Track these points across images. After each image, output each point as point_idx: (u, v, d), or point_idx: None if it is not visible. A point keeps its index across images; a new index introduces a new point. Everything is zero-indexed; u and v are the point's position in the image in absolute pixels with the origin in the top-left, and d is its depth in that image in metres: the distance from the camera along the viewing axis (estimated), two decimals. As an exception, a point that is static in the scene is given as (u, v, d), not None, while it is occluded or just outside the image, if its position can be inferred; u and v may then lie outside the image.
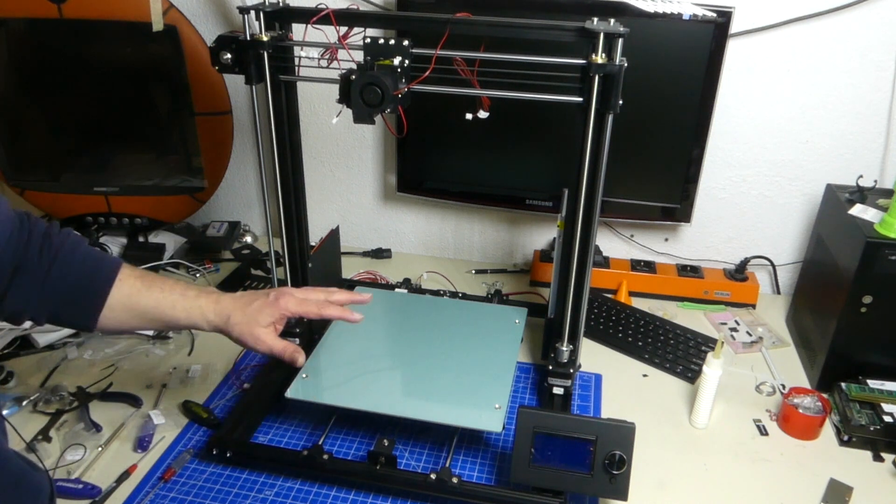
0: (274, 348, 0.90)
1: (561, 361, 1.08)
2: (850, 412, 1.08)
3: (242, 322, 0.88)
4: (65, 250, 0.82)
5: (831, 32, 1.27)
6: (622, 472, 0.87)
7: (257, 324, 0.89)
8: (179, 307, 0.87)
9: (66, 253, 0.82)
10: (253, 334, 0.88)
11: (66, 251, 0.82)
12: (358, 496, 0.96)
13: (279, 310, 0.90)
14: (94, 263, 0.85)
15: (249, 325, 0.88)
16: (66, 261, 0.82)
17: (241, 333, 0.88)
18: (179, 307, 0.87)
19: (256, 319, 0.89)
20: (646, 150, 1.33)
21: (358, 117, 0.91)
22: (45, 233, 0.82)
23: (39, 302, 0.80)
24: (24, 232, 0.80)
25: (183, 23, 1.35)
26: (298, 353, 0.91)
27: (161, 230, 1.59)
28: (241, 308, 0.89)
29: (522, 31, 0.94)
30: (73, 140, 1.50)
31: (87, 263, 0.84)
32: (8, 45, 1.39)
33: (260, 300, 0.91)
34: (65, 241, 0.83)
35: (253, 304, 0.90)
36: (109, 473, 0.98)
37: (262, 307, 0.90)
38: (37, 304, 0.80)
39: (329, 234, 1.27)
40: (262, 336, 0.89)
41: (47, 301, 0.81)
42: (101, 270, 0.85)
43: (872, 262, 1.06)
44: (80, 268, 0.83)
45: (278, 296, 0.92)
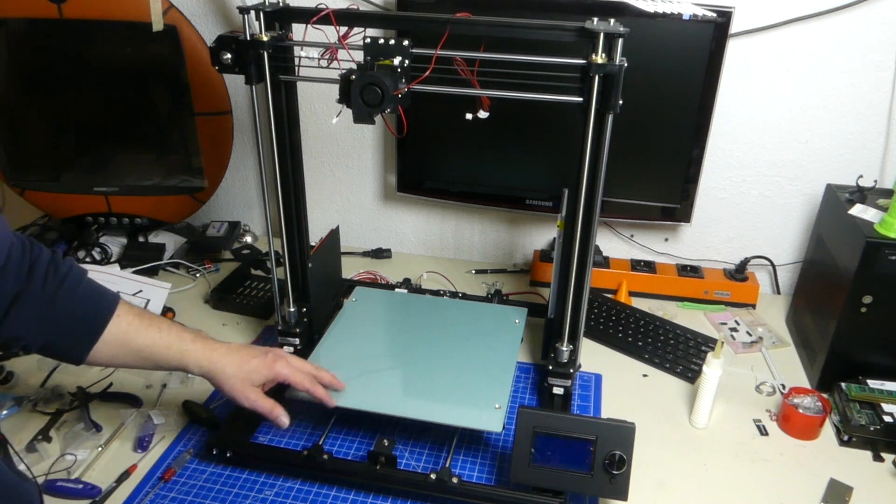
0: (262, 408, 0.93)
1: (561, 361, 1.08)
2: (850, 412, 1.08)
3: (236, 377, 0.92)
4: (69, 282, 0.83)
5: (831, 32, 1.27)
6: (622, 472, 0.87)
7: (250, 382, 0.93)
8: (175, 349, 0.89)
9: (70, 284, 0.83)
10: (244, 391, 0.92)
11: (69, 283, 0.83)
12: (358, 496, 0.96)
13: (273, 373, 0.95)
14: (94, 297, 0.86)
15: (243, 382, 0.92)
16: (69, 292, 0.82)
17: (232, 387, 0.92)
18: (175, 349, 0.89)
19: (251, 378, 0.93)
20: (646, 150, 1.33)
21: (358, 117, 0.91)
22: (51, 261, 0.82)
23: (37, 331, 0.81)
24: (27, 259, 0.80)
25: (183, 23, 1.35)
26: (285, 417, 0.94)
27: (161, 230, 1.59)
28: (237, 364, 0.93)
29: (522, 31, 0.94)
30: (73, 140, 1.50)
31: (89, 296, 0.85)
32: (8, 45, 1.40)
33: (258, 359, 0.94)
34: (69, 272, 0.83)
35: (250, 363, 0.93)
36: (109, 473, 0.98)
37: (258, 367, 0.94)
38: (34, 333, 0.81)
39: (329, 234, 1.27)
40: (252, 395, 0.93)
41: (46, 331, 0.81)
42: (100, 304, 0.86)
43: (872, 262, 1.06)
44: (81, 300, 0.84)
45: (275, 359, 0.96)
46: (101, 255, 1.51)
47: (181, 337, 0.90)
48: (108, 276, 1.34)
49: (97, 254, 1.51)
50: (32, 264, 0.80)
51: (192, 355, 0.90)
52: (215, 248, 1.58)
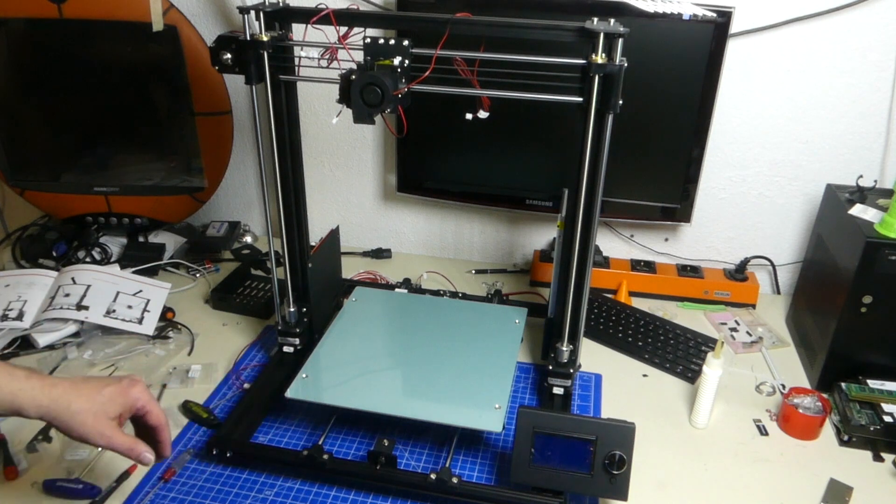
0: (121, 446, 0.79)
1: (561, 361, 1.08)
2: (850, 412, 1.08)
3: (87, 412, 0.77)
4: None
5: (831, 32, 1.27)
6: (622, 472, 0.87)
7: (105, 414, 0.78)
8: (5, 389, 0.75)
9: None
10: (97, 427, 0.77)
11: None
12: (358, 496, 0.96)
13: (130, 399, 0.81)
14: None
15: (96, 416, 0.77)
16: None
17: (82, 424, 0.77)
18: (5, 389, 0.75)
19: (105, 410, 0.78)
20: (646, 150, 1.33)
21: (358, 117, 0.91)
22: None
23: None
24: None
25: (183, 23, 1.35)
26: (149, 452, 0.81)
27: (161, 230, 1.59)
28: (87, 396, 0.78)
29: (522, 31, 0.94)
30: (73, 140, 1.50)
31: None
32: (8, 45, 1.40)
33: (111, 387, 0.80)
34: None
35: (102, 392, 0.79)
36: (109, 473, 0.98)
37: (112, 396, 0.79)
38: None
39: (329, 234, 1.27)
40: (108, 431, 0.78)
41: None
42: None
43: (872, 262, 1.06)
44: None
45: (130, 384, 0.82)
46: (101, 255, 1.51)
47: (13, 375, 0.76)
48: (108, 277, 1.35)
49: (97, 254, 1.51)
50: None
51: (27, 394, 0.75)
52: (215, 248, 1.58)
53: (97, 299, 1.28)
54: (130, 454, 0.80)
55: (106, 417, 0.78)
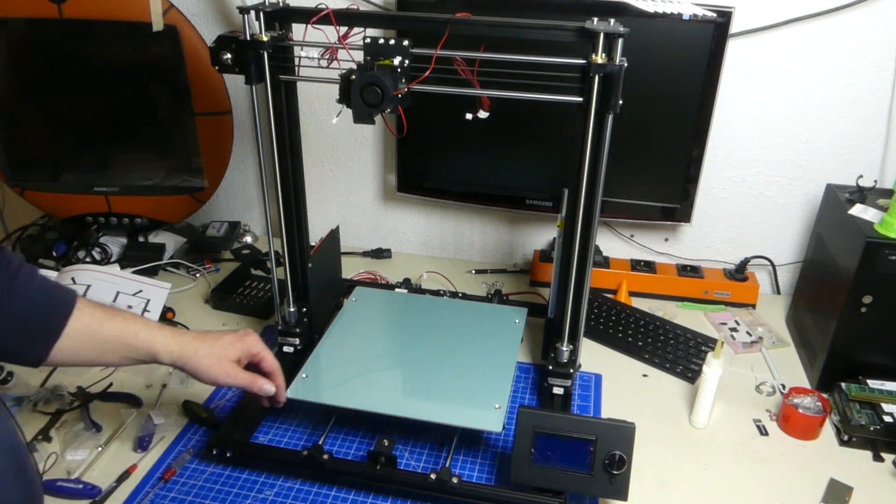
0: (243, 381, 0.94)
1: (561, 361, 1.08)
2: (850, 412, 1.08)
3: (212, 355, 0.91)
4: (19, 281, 0.79)
5: (831, 32, 1.27)
6: (622, 472, 0.87)
7: (227, 357, 0.93)
8: (142, 337, 0.87)
9: (22, 284, 0.80)
10: (221, 367, 0.92)
11: (20, 282, 0.80)
12: (358, 496, 0.96)
13: (246, 347, 0.95)
14: (50, 294, 0.83)
15: (218, 359, 0.92)
16: (21, 293, 0.79)
17: (209, 367, 0.91)
18: (142, 337, 0.87)
19: (226, 354, 0.93)
20: (646, 150, 1.33)
21: (358, 117, 0.91)
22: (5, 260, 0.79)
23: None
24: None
25: (183, 23, 1.35)
26: (265, 382, 0.96)
27: (161, 230, 1.59)
28: (209, 344, 0.92)
29: (522, 31, 0.94)
30: (73, 140, 1.50)
31: (44, 294, 0.82)
32: (8, 45, 1.40)
33: (228, 336, 0.95)
34: (18, 272, 0.80)
35: (223, 339, 0.94)
36: (109, 473, 0.98)
37: (230, 343, 0.94)
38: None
39: (329, 234, 1.27)
40: (231, 370, 0.93)
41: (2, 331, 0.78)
42: (58, 301, 0.83)
43: (872, 262, 1.06)
44: (35, 300, 0.81)
45: (245, 334, 0.97)
46: (101, 255, 1.51)
47: (147, 325, 0.89)
48: (108, 276, 1.34)
49: (97, 254, 1.51)
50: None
51: (161, 341, 0.88)
52: (215, 248, 1.58)
53: (97, 299, 1.28)
54: (252, 387, 0.94)
55: (227, 360, 0.92)
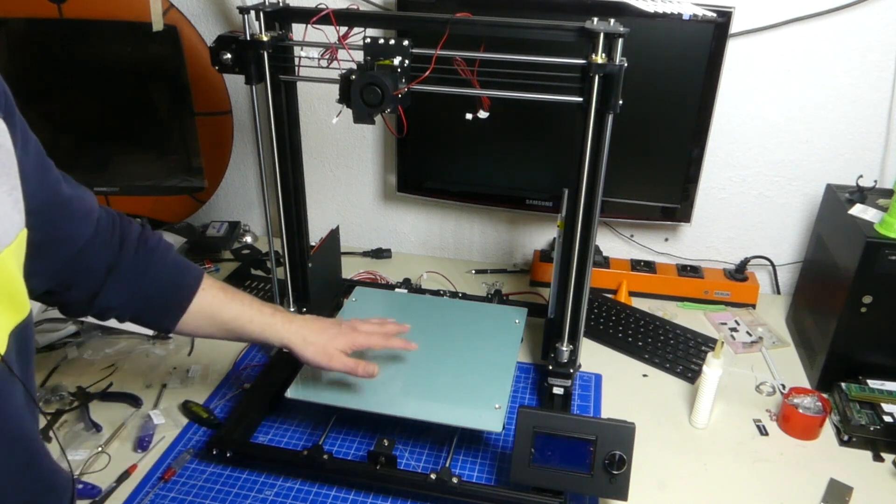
0: (348, 365, 0.97)
1: (561, 361, 1.08)
2: (850, 412, 1.08)
3: (319, 343, 0.96)
4: (158, 254, 0.86)
5: (831, 32, 1.27)
6: (622, 472, 0.87)
7: (333, 346, 0.97)
8: (257, 322, 0.93)
9: (160, 257, 0.86)
10: (328, 354, 0.96)
11: (159, 255, 0.86)
12: (358, 496, 0.96)
13: (351, 340, 0.99)
14: (182, 270, 0.89)
15: (326, 346, 0.96)
16: (159, 265, 0.86)
17: (315, 353, 0.95)
18: (257, 322, 0.93)
19: (333, 343, 0.97)
20: (646, 150, 1.33)
21: (358, 117, 0.91)
22: (141, 235, 0.85)
23: (130, 301, 0.84)
24: (117, 232, 0.82)
25: (183, 23, 1.35)
26: (371, 366, 0.98)
27: (161, 230, 1.59)
28: (318, 331, 0.97)
29: (522, 31, 0.94)
30: (72, 140, 1.50)
31: (177, 269, 0.89)
32: (8, 45, 1.39)
33: (335, 328, 1.00)
34: (158, 245, 0.86)
35: (329, 331, 0.98)
36: (109, 473, 0.98)
37: (337, 334, 0.98)
38: (127, 304, 0.84)
39: (329, 234, 1.27)
40: (337, 357, 0.96)
41: (137, 301, 0.85)
42: (187, 277, 0.89)
43: (872, 262, 1.06)
44: (170, 273, 0.87)
45: (350, 329, 1.01)
46: (101, 255, 1.51)
47: (262, 311, 0.94)
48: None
49: (97, 254, 1.51)
50: (123, 238, 0.83)
51: (273, 328, 0.94)
52: (215, 248, 1.58)
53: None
54: (357, 371, 0.97)
55: (333, 347, 0.97)
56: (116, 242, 0.82)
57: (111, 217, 0.83)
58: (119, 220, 0.84)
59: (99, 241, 0.80)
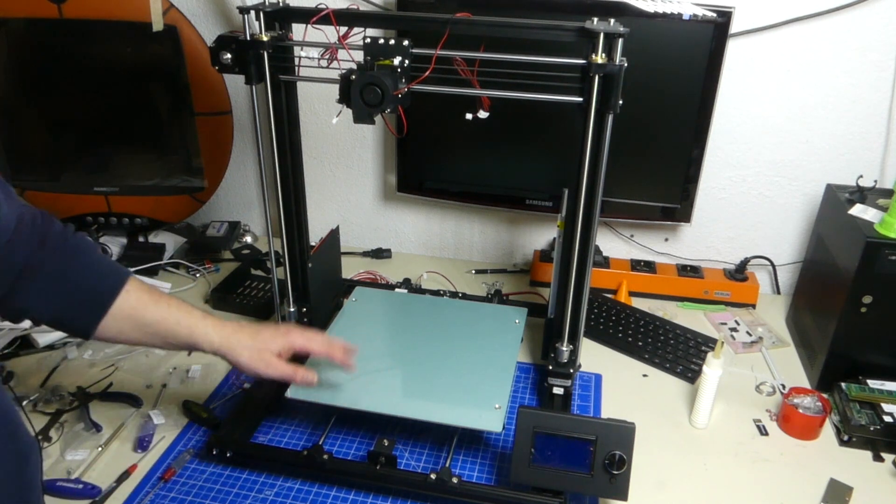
0: (285, 372, 0.93)
1: (561, 361, 1.08)
2: (850, 412, 1.08)
3: (252, 347, 0.92)
4: (79, 256, 0.82)
5: (831, 32, 1.27)
6: (622, 472, 0.87)
7: (268, 350, 0.92)
8: (184, 324, 0.89)
9: (80, 258, 0.83)
10: (263, 359, 0.92)
11: (80, 257, 0.82)
12: (358, 496, 0.96)
13: (288, 341, 0.94)
14: (105, 271, 0.85)
15: (260, 350, 0.92)
16: (78, 266, 0.82)
17: (249, 358, 0.91)
18: (184, 324, 0.89)
19: (267, 346, 0.93)
20: (646, 150, 1.33)
21: (358, 117, 0.91)
22: (61, 234, 0.82)
23: (45, 303, 0.80)
24: (37, 232, 0.79)
25: (183, 23, 1.35)
26: (310, 374, 0.94)
27: (161, 230, 1.59)
28: (251, 335, 0.93)
29: (522, 31, 0.94)
30: (73, 140, 1.50)
31: (98, 270, 0.85)
32: (8, 45, 1.40)
33: (270, 331, 0.95)
34: (79, 246, 0.83)
35: (263, 333, 0.94)
36: (109, 473, 0.98)
37: (273, 336, 0.94)
38: (42, 306, 0.80)
39: (329, 234, 1.27)
40: (272, 361, 0.92)
41: (53, 303, 0.81)
42: (109, 279, 0.85)
43: (872, 262, 1.06)
44: (90, 274, 0.83)
45: (287, 329, 0.97)
46: (101, 255, 1.51)
47: (191, 314, 0.90)
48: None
49: (97, 254, 1.51)
50: (44, 237, 0.79)
51: (202, 331, 0.89)
52: (215, 248, 1.58)
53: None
54: (294, 378, 0.93)
55: (268, 352, 0.92)
56: (36, 242, 0.78)
57: (32, 215, 0.79)
58: (41, 218, 0.80)
59: (17, 241, 0.76)
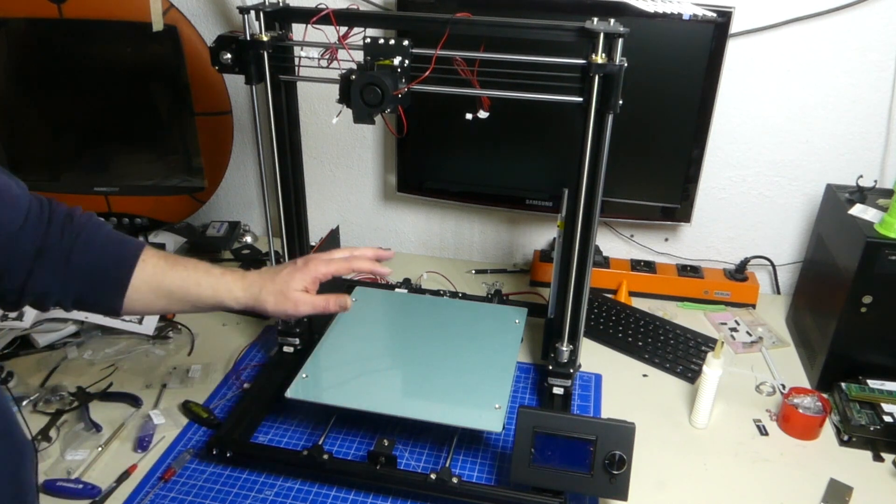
0: (317, 305, 0.89)
1: (561, 361, 1.08)
2: (850, 412, 1.08)
3: (276, 291, 0.88)
4: (87, 232, 0.81)
5: (831, 32, 1.27)
6: (622, 472, 0.87)
7: (292, 289, 0.88)
8: (205, 284, 0.86)
9: (89, 235, 0.81)
10: (290, 298, 0.88)
11: (88, 233, 0.81)
12: (358, 496, 0.96)
13: (310, 273, 0.90)
14: (116, 245, 0.84)
15: (284, 292, 0.88)
16: (88, 243, 0.81)
17: (276, 303, 0.87)
18: (205, 284, 0.86)
19: (290, 285, 0.88)
20: (646, 150, 1.33)
21: (358, 117, 0.91)
22: (67, 215, 0.81)
23: (63, 284, 0.80)
24: (45, 215, 0.79)
25: (183, 23, 1.35)
26: (343, 298, 0.90)
27: (161, 230, 1.59)
28: (271, 279, 0.89)
29: (522, 31, 0.94)
30: (73, 140, 1.50)
31: (110, 245, 0.83)
32: (8, 45, 1.40)
33: (288, 268, 0.91)
34: (87, 223, 0.82)
35: (282, 273, 0.89)
36: (109, 473, 0.98)
37: (292, 273, 0.90)
38: (61, 287, 0.80)
39: (329, 234, 1.27)
40: (300, 298, 0.88)
41: (71, 283, 0.80)
42: (123, 251, 0.84)
43: (872, 262, 1.06)
44: (102, 250, 0.82)
45: (306, 261, 0.92)
46: (101, 255, 1.51)
47: (209, 272, 0.88)
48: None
49: (97, 254, 1.51)
50: (49, 220, 0.79)
51: (224, 286, 0.87)
52: (215, 248, 1.58)
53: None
54: (331, 307, 0.90)
55: (293, 291, 0.88)
56: (44, 225, 0.78)
57: (40, 203, 0.80)
58: (48, 204, 0.80)
59: (28, 227, 0.76)
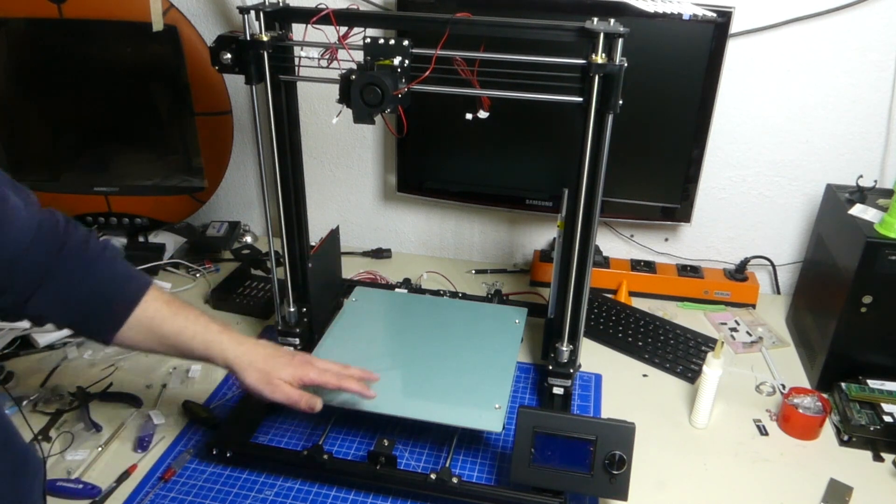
0: (291, 397, 0.92)
1: (561, 361, 1.08)
2: (850, 412, 1.08)
3: (263, 370, 0.91)
4: (98, 263, 0.82)
5: (831, 32, 1.27)
6: (622, 472, 0.87)
7: (278, 376, 0.92)
8: (199, 339, 0.89)
9: (99, 268, 0.82)
10: (272, 383, 0.91)
11: (101, 263, 0.82)
12: (358, 496, 0.96)
13: (301, 373, 0.93)
14: (122, 282, 0.85)
15: (269, 374, 0.91)
16: (97, 274, 0.82)
17: (257, 380, 0.91)
18: (199, 339, 0.89)
19: (278, 373, 0.92)
20: (646, 150, 1.33)
21: (358, 117, 0.91)
22: (84, 241, 0.81)
23: (64, 310, 0.81)
24: (58, 237, 0.79)
25: (183, 23, 1.35)
26: (314, 400, 0.93)
27: (161, 230, 1.59)
28: (265, 358, 0.92)
29: (522, 31, 0.94)
30: (73, 140, 1.50)
31: (116, 281, 0.84)
32: (8, 45, 1.40)
33: (286, 357, 0.94)
34: (100, 254, 0.83)
35: (278, 359, 0.93)
36: (109, 473, 0.98)
37: (287, 363, 0.93)
38: (61, 312, 0.81)
39: (329, 234, 1.27)
40: (280, 386, 0.91)
41: (72, 310, 0.81)
42: (129, 288, 0.85)
43: (872, 262, 1.06)
44: (108, 285, 0.83)
45: (304, 361, 0.95)
46: (101, 255, 1.51)
47: (208, 328, 0.90)
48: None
49: (97, 254, 1.51)
50: (63, 245, 0.79)
51: (217, 346, 0.89)
52: (215, 248, 1.58)
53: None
54: (300, 404, 0.92)
55: (276, 377, 0.91)
56: (56, 248, 0.78)
57: (55, 222, 0.79)
58: (65, 224, 0.80)
59: (36, 247, 0.76)
